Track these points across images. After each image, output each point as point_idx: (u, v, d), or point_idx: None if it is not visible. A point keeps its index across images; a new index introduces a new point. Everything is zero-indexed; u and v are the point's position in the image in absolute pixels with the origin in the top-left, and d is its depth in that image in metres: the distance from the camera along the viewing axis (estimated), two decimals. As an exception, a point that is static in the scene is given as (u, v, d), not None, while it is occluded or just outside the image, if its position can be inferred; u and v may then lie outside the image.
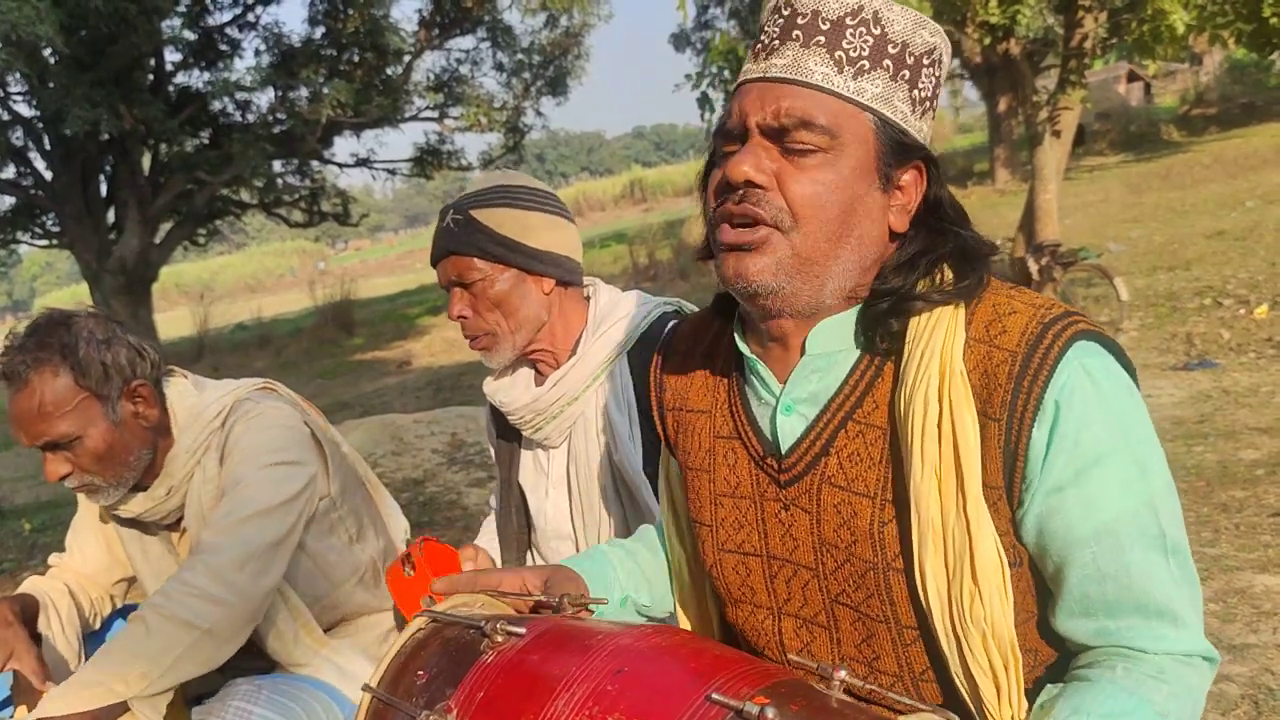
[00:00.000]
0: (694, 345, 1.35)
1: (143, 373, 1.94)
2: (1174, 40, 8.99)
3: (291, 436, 2.00)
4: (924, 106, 1.12)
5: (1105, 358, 1.05)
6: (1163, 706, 1.00)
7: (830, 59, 1.08)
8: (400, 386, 12.27)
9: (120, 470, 1.92)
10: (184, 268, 56.76)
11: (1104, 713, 0.98)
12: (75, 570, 2.17)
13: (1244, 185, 15.18)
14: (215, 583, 1.80)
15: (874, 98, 1.08)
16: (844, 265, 1.10)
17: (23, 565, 6.13)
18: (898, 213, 1.12)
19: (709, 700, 0.84)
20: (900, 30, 1.09)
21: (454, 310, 1.86)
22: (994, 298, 1.09)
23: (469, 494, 5.92)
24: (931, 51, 1.11)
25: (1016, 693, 1.05)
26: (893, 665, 1.12)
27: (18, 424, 1.85)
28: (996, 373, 1.04)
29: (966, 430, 1.03)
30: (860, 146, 1.08)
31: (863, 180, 1.09)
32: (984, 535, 1.03)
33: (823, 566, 1.15)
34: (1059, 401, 1.02)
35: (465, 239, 1.81)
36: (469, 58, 15.85)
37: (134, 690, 1.69)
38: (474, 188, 1.88)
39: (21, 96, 12.88)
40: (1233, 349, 6.94)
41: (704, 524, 1.28)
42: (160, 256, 14.28)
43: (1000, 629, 1.03)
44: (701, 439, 1.29)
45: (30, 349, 1.84)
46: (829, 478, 1.13)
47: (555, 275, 1.87)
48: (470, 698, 0.94)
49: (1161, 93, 34.35)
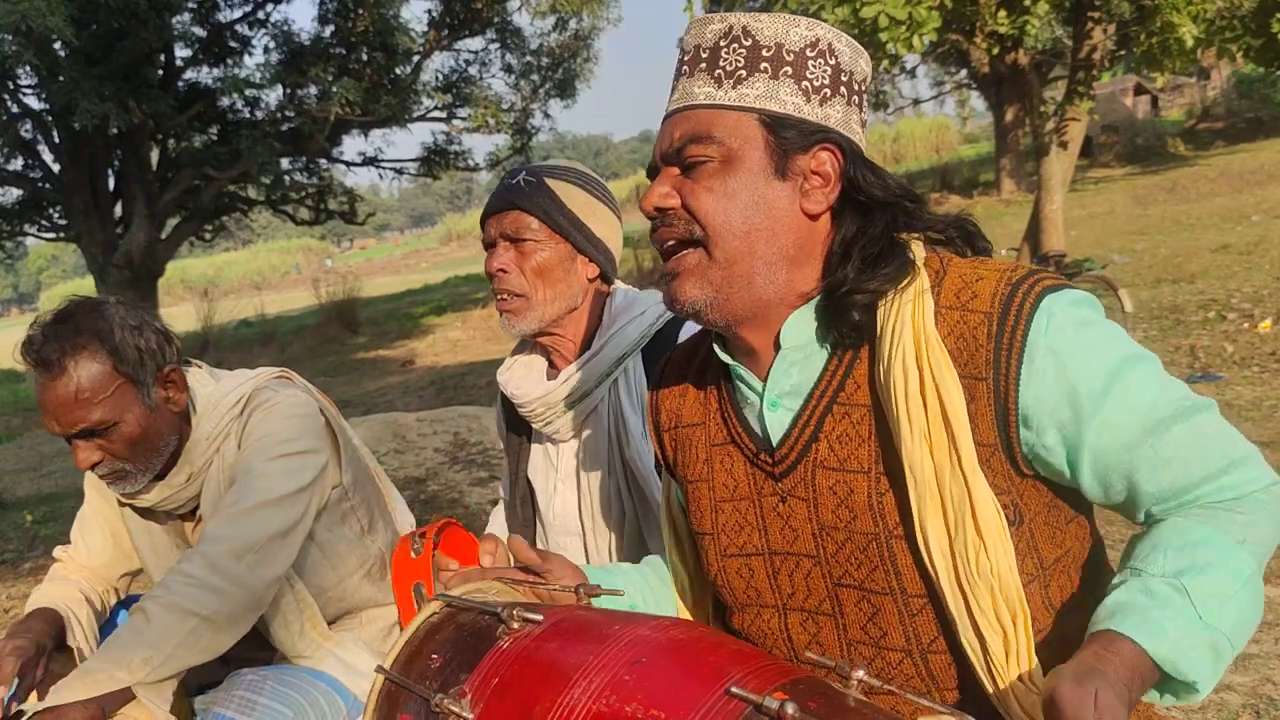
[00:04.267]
0: (686, 367, 1.40)
1: (172, 358, 1.95)
2: (1182, 54, 9.01)
3: (307, 425, 2.00)
4: (822, 93, 1.16)
5: (1075, 294, 1.11)
6: (1239, 534, 1.03)
7: (711, 79, 1.18)
8: (403, 385, 12.27)
9: (150, 457, 1.92)
10: (190, 263, 56.84)
11: (1180, 545, 1.02)
12: (81, 564, 2.17)
13: (1249, 200, 15.17)
14: (212, 571, 1.81)
15: (757, 98, 1.16)
16: (765, 259, 1.17)
17: (24, 557, 6.14)
18: (812, 197, 1.17)
19: (728, 694, 0.84)
20: (771, 35, 1.16)
21: (495, 262, 1.84)
22: (959, 269, 1.15)
23: (471, 493, 5.92)
24: (815, 44, 1.16)
25: (1026, 648, 1.08)
26: (900, 640, 1.14)
27: (52, 411, 1.83)
28: (975, 335, 1.09)
29: (950, 391, 1.08)
30: (749, 145, 1.16)
31: (759, 175, 1.16)
32: (981, 489, 1.07)
33: (823, 551, 1.18)
34: (1051, 346, 1.08)
35: (534, 199, 1.82)
36: (478, 59, 15.85)
37: (136, 676, 1.70)
38: (549, 163, 1.91)
39: (31, 90, 12.91)
40: (1236, 363, 6.93)
41: (705, 533, 1.31)
42: (166, 251, 14.29)
43: (1006, 581, 1.07)
44: (698, 450, 1.33)
45: (66, 335, 1.83)
46: (821, 462, 1.17)
47: (601, 265, 1.89)
48: (485, 683, 0.94)
49: (1168, 106, 34.36)
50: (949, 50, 19.78)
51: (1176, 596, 0.97)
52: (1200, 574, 0.99)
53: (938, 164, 32.00)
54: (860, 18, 7.89)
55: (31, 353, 1.83)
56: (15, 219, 14.51)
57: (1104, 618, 0.97)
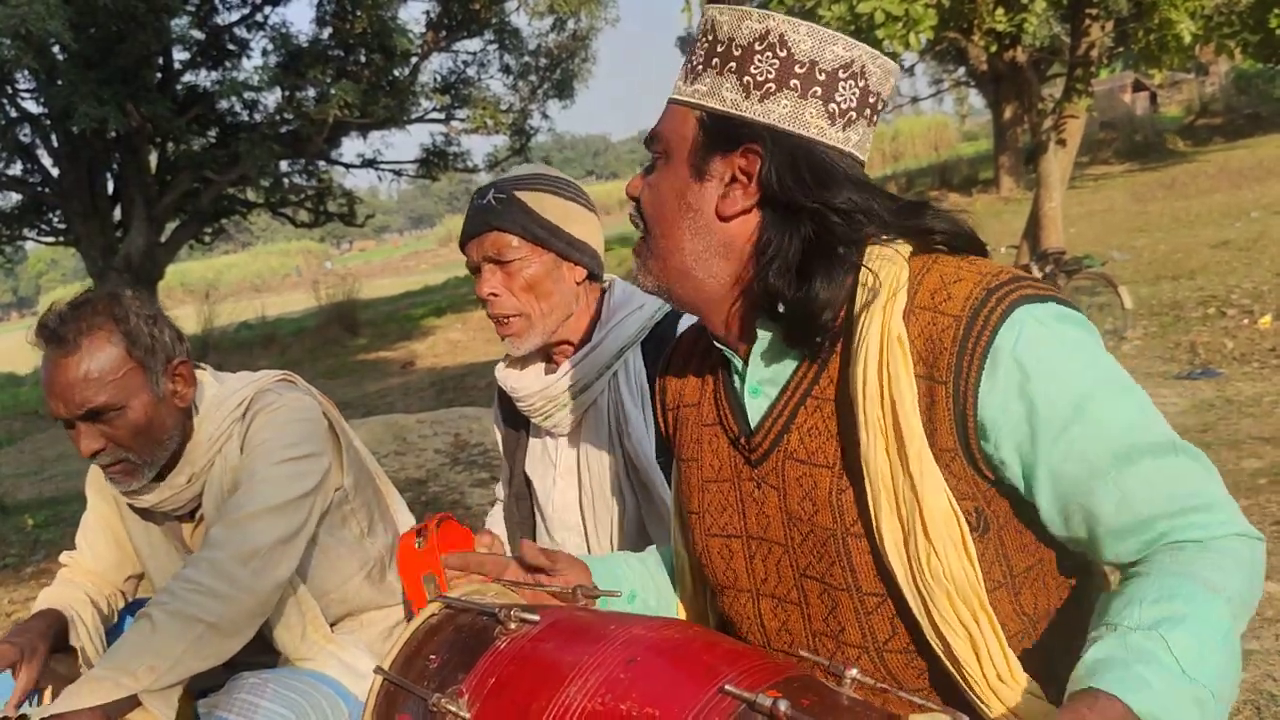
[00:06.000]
0: (693, 348, 1.41)
1: (181, 352, 1.95)
2: (1180, 50, 9.01)
3: (310, 429, 2.01)
4: (765, 88, 1.14)
5: (1055, 308, 1.08)
6: (1215, 582, 0.98)
7: (683, 74, 1.22)
8: (404, 387, 12.29)
9: (154, 448, 1.92)
10: (189, 266, 56.80)
11: (1154, 598, 0.96)
12: (87, 569, 2.17)
13: (1249, 196, 15.17)
14: (218, 578, 1.81)
15: (702, 95, 1.18)
16: (695, 255, 1.20)
17: (26, 561, 6.14)
18: (729, 198, 1.17)
19: (722, 692, 0.85)
20: (727, 30, 1.16)
21: (485, 287, 1.83)
22: (942, 267, 1.13)
23: (472, 494, 5.93)
24: (763, 37, 1.14)
25: (998, 650, 1.06)
26: (856, 636, 1.14)
27: (60, 391, 1.83)
28: (941, 338, 1.08)
29: (903, 391, 1.07)
30: (682, 144, 1.19)
31: (683, 175, 1.19)
32: (931, 492, 1.06)
33: (791, 541, 1.19)
34: (1019, 358, 1.05)
35: (508, 216, 1.80)
36: (476, 60, 15.84)
37: (142, 684, 1.70)
38: (514, 172, 1.89)
39: (29, 94, 12.91)
40: (1236, 359, 6.94)
41: (692, 511, 1.33)
42: (166, 255, 14.29)
43: (962, 583, 1.06)
44: (691, 429, 1.35)
45: (84, 316, 1.84)
46: (791, 453, 1.18)
47: (587, 266, 1.88)
48: (482, 683, 0.95)
49: (1167, 102, 34.32)
50: (947, 48, 19.76)
51: (1157, 649, 0.92)
52: (1178, 625, 0.93)
53: (936, 162, 31.99)
54: (857, 14, 7.90)
55: (47, 331, 1.84)
56: (14, 223, 14.51)
57: (1084, 676, 0.92)
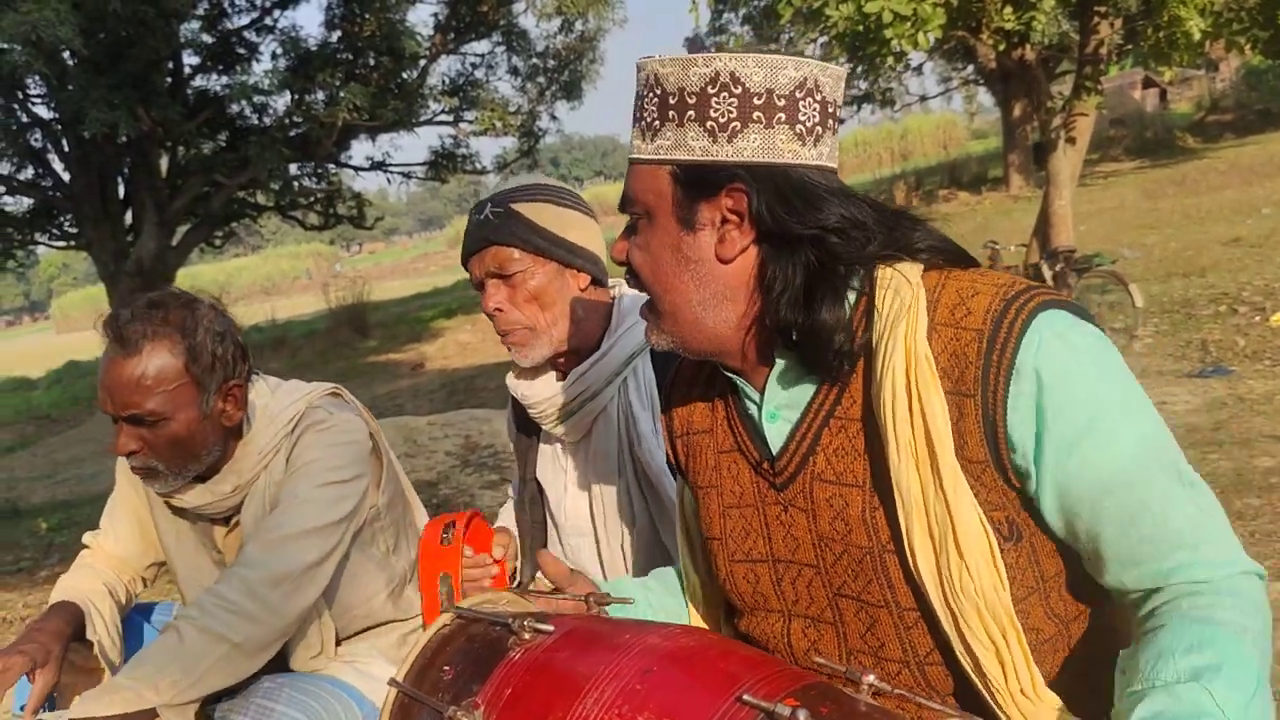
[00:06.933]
0: (696, 374, 1.40)
1: (240, 374, 1.95)
2: (1190, 47, 8.96)
3: (356, 452, 2.01)
4: (730, 128, 1.11)
5: (1071, 319, 1.08)
6: (1238, 623, 0.98)
7: (639, 133, 1.18)
8: (414, 389, 12.30)
9: (187, 462, 1.92)
10: (200, 269, 56.87)
11: (1185, 648, 0.95)
12: (109, 551, 2.17)
13: (1260, 192, 15.08)
14: (249, 598, 1.82)
15: (668, 149, 1.15)
16: (703, 303, 1.18)
17: (40, 564, 6.17)
18: (726, 241, 1.15)
19: (740, 701, 0.85)
20: (675, 80, 1.13)
21: (490, 302, 1.84)
22: (956, 283, 1.13)
23: (483, 496, 5.94)
24: (714, 79, 1.11)
25: (1023, 664, 1.07)
26: (898, 651, 1.15)
27: (111, 388, 1.84)
28: (966, 352, 1.08)
29: (935, 410, 1.07)
30: (661, 201, 1.17)
31: (673, 230, 1.17)
32: (963, 509, 1.06)
33: (823, 561, 1.19)
34: (1038, 369, 1.05)
35: (507, 230, 1.80)
36: (484, 62, 15.84)
37: (163, 698, 1.71)
38: (508, 185, 1.88)
39: (40, 99, 12.96)
40: (1248, 356, 6.90)
41: (715, 538, 1.33)
42: (177, 258, 14.32)
43: (992, 600, 1.06)
44: (707, 457, 1.34)
45: (153, 320, 1.85)
46: (819, 474, 1.18)
47: (591, 272, 1.88)
48: (498, 694, 0.95)
49: (1177, 99, 34.17)
50: (955, 46, 19.70)
51: (1204, 701, 0.90)
52: (1217, 675, 0.92)
53: (946, 160, 31.94)
54: (865, 14, 7.88)
55: (115, 327, 1.84)
56: (26, 228, 14.54)
57: None
